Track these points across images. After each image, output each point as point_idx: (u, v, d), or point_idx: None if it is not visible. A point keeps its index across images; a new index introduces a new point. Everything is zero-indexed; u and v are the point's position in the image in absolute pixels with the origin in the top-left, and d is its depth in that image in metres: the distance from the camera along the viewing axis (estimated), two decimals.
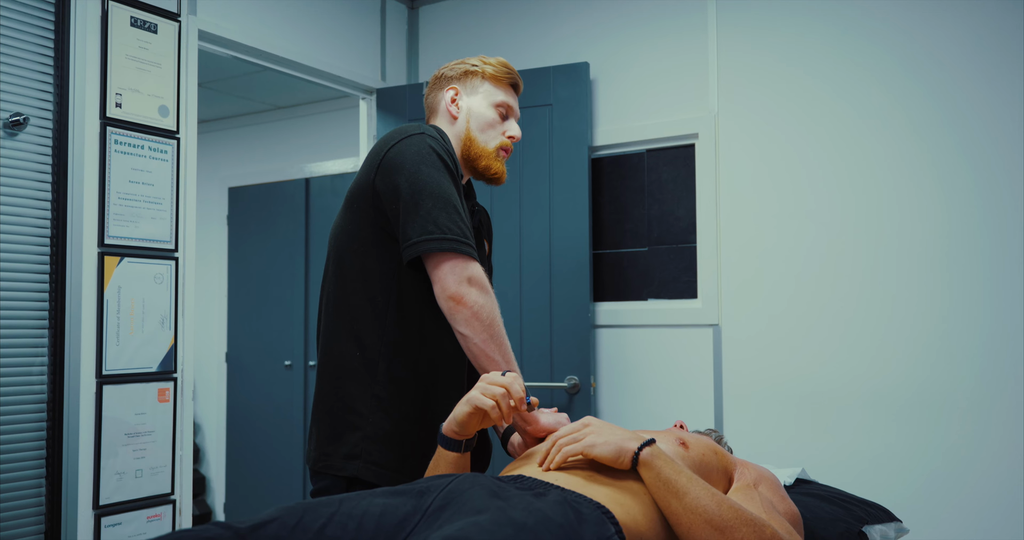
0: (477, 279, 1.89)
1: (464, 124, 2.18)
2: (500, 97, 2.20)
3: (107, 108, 2.84)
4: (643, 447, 1.45)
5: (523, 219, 3.75)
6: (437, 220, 1.87)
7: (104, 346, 2.81)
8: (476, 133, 2.17)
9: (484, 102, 2.19)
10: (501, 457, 3.57)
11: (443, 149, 1.99)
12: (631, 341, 3.67)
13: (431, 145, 1.97)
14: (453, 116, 2.20)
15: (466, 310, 1.86)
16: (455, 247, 1.87)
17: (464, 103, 2.19)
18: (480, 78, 2.20)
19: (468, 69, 2.21)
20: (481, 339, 1.87)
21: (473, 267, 1.89)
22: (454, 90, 2.20)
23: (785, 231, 3.32)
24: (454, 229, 1.88)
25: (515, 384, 1.60)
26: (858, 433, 3.14)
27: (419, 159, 1.94)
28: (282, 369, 5.69)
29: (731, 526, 1.37)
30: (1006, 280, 2.91)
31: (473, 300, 1.87)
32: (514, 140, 2.23)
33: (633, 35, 3.71)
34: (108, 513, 2.81)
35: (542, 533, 1.15)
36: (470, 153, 2.17)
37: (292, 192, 5.76)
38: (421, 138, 1.99)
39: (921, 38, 3.09)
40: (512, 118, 2.24)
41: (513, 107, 2.24)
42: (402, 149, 1.97)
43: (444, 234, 1.86)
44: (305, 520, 1.19)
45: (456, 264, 1.87)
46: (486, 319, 1.88)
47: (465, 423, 1.60)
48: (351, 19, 4.03)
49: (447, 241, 1.86)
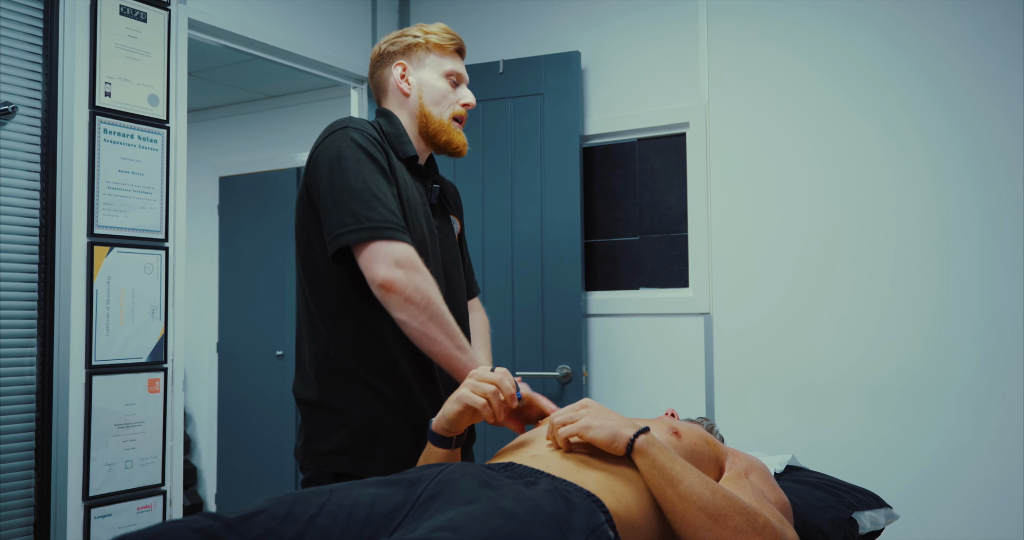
0: (404, 259, 1.83)
1: (417, 100, 2.14)
2: (448, 66, 2.17)
3: (96, 97, 2.83)
4: (638, 435, 1.45)
5: (514, 208, 3.75)
6: (354, 211, 1.85)
7: (94, 336, 2.80)
8: (431, 107, 2.13)
9: (434, 74, 2.15)
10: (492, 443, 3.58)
11: (368, 138, 1.97)
12: (623, 330, 3.67)
13: (352, 138, 1.95)
14: (404, 93, 2.15)
15: (397, 295, 1.82)
16: (373, 234, 1.83)
17: (414, 78, 2.15)
18: (425, 49, 2.16)
19: (411, 42, 2.16)
20: (419, 322, 1.83)
21: (396, 248, 1.84)
22: (401, 66, 2.16)
23: (777, 220, 3.32)
24: (372, 217, 1.84)
25: (505, 380, 1.59)
26: (851, 422, 3.14)
27: (337, 156, 1.92)
28: (274, 359, 5.68)
29: (725, 514, 1.37)
30: (1002, 270, 2.92)
31: (403, 284, 1.81)
32: (468, 107, 2.19)
33: (624, 23, 3.70)
34: (98, 504, 2.80)
35: (532, 522, 1.15)
36: (428, 129, 2.14)
37: (283, 181, 5.74)
38: (343, 133, 1.96)
39: (916, 23, 3.09)
40: (463, 84, 2.20)
41: (462, 74, 2.20)
42: (324, 148, 1.96)
43: (361, 224, 1.84)
44: (295, 510, 1.18)
45: (377, 250, 1.83)
46: (420, 300, 1.83)
47: (455, 421, 1.60)
48: (341, 8, 4.02)
49: (364, 230, 1.83)
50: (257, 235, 5.84)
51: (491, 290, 3.74)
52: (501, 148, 3.79)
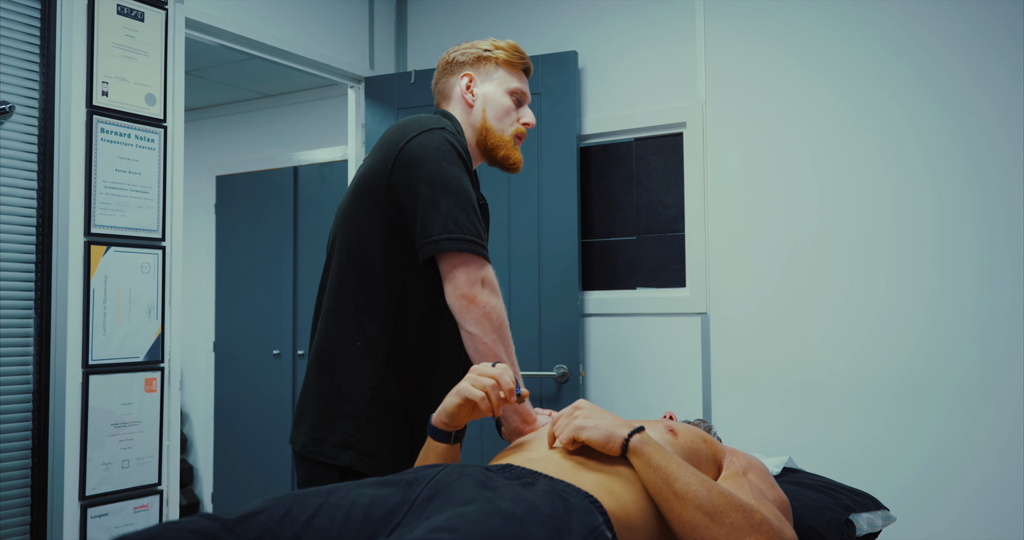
0: (490, 281, 1.91)
1: (480, 113, 2.15)
2: (514, 84, 2.18)
3: (93, 96, 2.83)
4: (633, 434, 1.46)
5: (512, 208, 3.75)
6: (457, 219, 1.87)
7: (90, 336, 2.80)
8: (493, 122, 2.14)
9: (499, 89, 2.16)
10: (492, 444, 3.58)
11: (461, 145, 1.98)
12: (620, 330, 3.67)
13: (450, 140, 1.96)
14: (469, 104, 2.16)
15: (477, 310, 1.87)
16: (473, 248, 1.87)
17: (479, 90, 2.16)
18: (494, 64, 2.17)
19: (481, 54, 2.17)
20: (491, 339, 1.89)
21: (487, 269, 1.91)
22: (468, 77, 2.17)
23: (774, 219, 3.32)
24: (472, 230, 1.88)
25: (505, 375, 1.59)
26: (847, 422, 3.15)
27: (440, 155, 1.92)
28: (270, 358, 5.68)
29: (721, 511, 1.37)
30: (998, 268, 2.92)
31: (485, 301, 1.88)
32: (528, 127, 2.21)
33: (621, 23, 3.70)
34: (94, 504, 2.80)
35: (530, 523, 1.15)
36: (487, 143, 2.15)
37: (280, 180, 5.74)
38: (442, 133, 1.96)
39: (912, 23, 3.09)
40: (525, 104, 2.21)
41: (526, 93, 2.22)
42: (423, 143, 1.94)
43: (464, 234, 1.86)
44: (293, 511, 1.18)
45: (472, 265, 1.88)
46: (496, 320, 1.90)
47: (455, 414, 1.60)
48: (339, 7, 4.01)
49: (466, 242, 1.87)
50: (254, 234, 5.84)
51: None
52: None
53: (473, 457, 3.56)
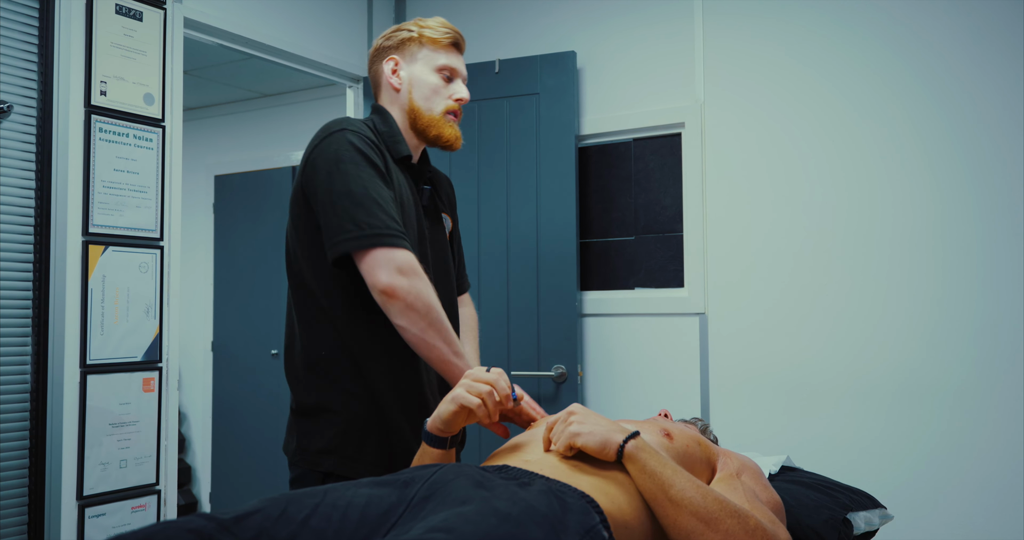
0: (405, 266, 1.85)
1: (407, 95, 2.13)
2: (442, 60, 2.14)
3: (92, 96, 2.83)
4: (628, 440, 1.45)
5: (510, 208, 3.75)
6: (355, 217, 1.85)
7: (88, 336, 2.80)
8: (420, 102, 2.12)
9: (425, 68, 2.13)
10: (487, 443, 3.58)
11: (365, 141, 1.96)
12: (618, 330, 3.67)
13: (350, 141, 1.94)
14: (395, 88, 2.14)
15: (398, 302, 1.84)
16: (374, 242, 1.84)
17: (405, 73, 2.14)
18: (418, 44, 2.14)
19: (405, 37, 2.15)
20: (419, 328, 1.85)
21: (398, 255, 1.85)
22: (393, 60, 2.15)
23: (772, 219, 3.32)
24: (373, 223, 1.85)
25: (501, 381, 1.59)
26: (846, 423, 3.15)
27: (336, 159, 1.91)
28: (268, 358, 5.68)
29: (716, 518, 1.37)
30: (998, 270, 2.92)
31: (404, 291, 1.83)
32: (461, 102, 2.17)
33: (620, 23, 3.70)
34: (92, 504, 2.80)
35: (526, 523, 1.15)
36: (417, 124, 2.13)
37: (279, 180, 5.73)
38: (340, 135, 1.95)
39: (912, 23, 3.09)
40: (458, 78, 2.18)
41: (457, 68, 2.17)
42: (321, 150, 1.95)
43: (362, 230, 1.84)
44: (289, 511, 1.18)
45: (379, 257, 1.84)
46: (421, 307, 1.85)
47: (450, 421, 1.60)
48: (338, 7, 4.01)
49: (366, 237, 1.84)
50: (252, 234, 5.84)
51: (486, 290, 3.74)
52: (497, 147, 3.79)
53: (471, 456, 3.56)
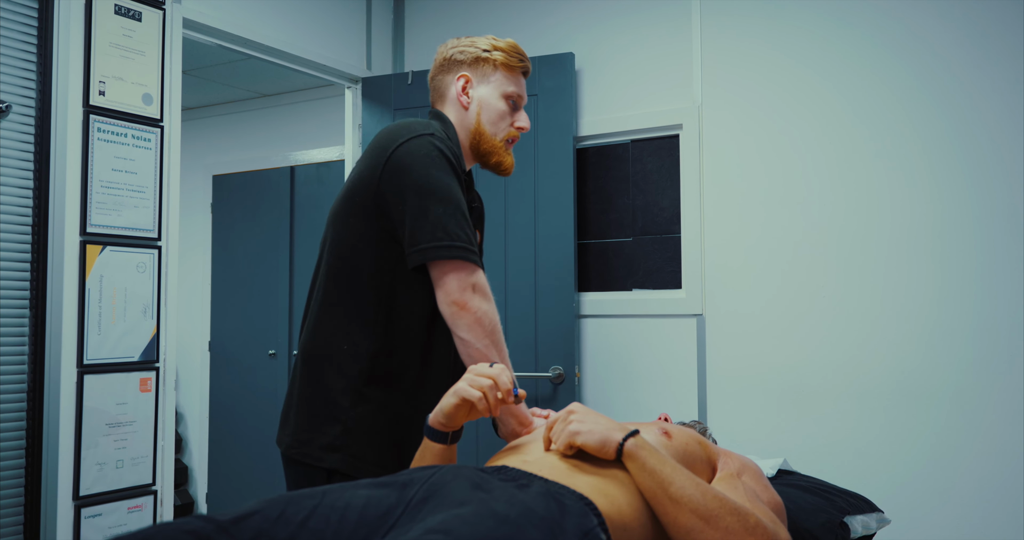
0: (481, 287, 1.91)
1: (475, 116, 2.12)
2: (511, 88, 2.14)
3: (90, 96, 2.82)
4: (627, 438, 1.45)
5: (508, 209, 3.75)
6: (447, 227, 1.87)
7: (85, 335, 2.80)
8: (487, 126, 2.12)
9: (495, 93, 2.13)
10: (485, 444, 3.58)
11: (450, 150, 1.97)
12: (616, 331, 3.67)
13: (439, 146, 1.94)
14: (464, 106, 2.13)
15: (469, 316, 1.88)
16: (462, 255, 1.87)
17: (475, 93, 2.13)
18: (492, 66, 2.13)
19: (479, 55, 2.13)
20: (483, 345, 1.89)
21: (478, 275, 1.90)
22: (465, 78, 2.13)
23: (770, 221, 3.32)
24: (462, 236, 1.88)
25: (503, 376, 1.59)
26: (844, 424, 3.15)
27: (428, 162, 1.91)
28: (266, 358, 5.68)
29: (716, 515, 1.37)
30: (996, 272, 2.92)
31: (476, 306, 1.88)
32: (523, 131, 2.18)
33: (618, 25, 3.71)
34: (88, 504, 2.79)
35: (524, 525, 1.15)
36: (480, 147, 2.13)
37: (277, 180, 5.73)
38: (430, 139, 1.95)
39: (910, 24, 3.09)
40: (520, 107, 2.19)
41: (523, 96, 2.18)
42: (411, 149, 1.93)
43: (453, 241, 1.86)
44: (287, 512, 1.18)
45: (462, 272, 1.88)
46: (488, 326, 1.90)
47: (452, 415, 1.60)
48: (337, 7, 4.01)
49: (456, 249, 1.86)
50: (250, 234, 5.83)
51: None
52: None
53: (469, 457, 3.56)
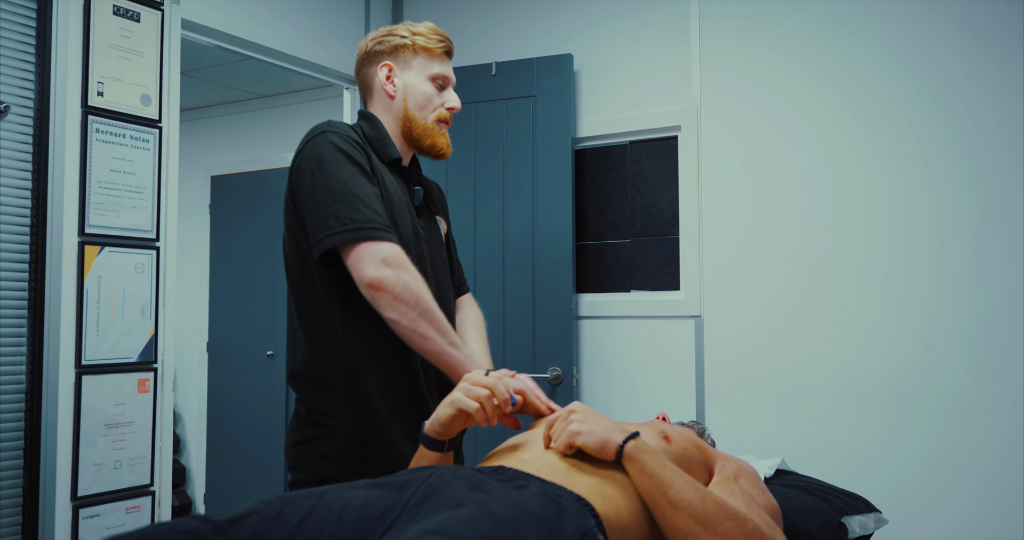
0: (391, 258, 1.84)
1: (401, 103, 2.13)
2: (435, 69, 2.14)
3: (89, 97, 2.82)
4: (628, 440, 1.45)
5: (506, 210, 3.75)
6: (337, 214, 1.85)
7: (84, 336, 2.79)
8: (415, 111, 2.12)
9: (419, 77, 2.13)
10: (483, 444, 3.58)
11: (347, 140, 1.96)
12: (614, 332, 3.67)
13: (331, 141, 1.94)
14: (390, 95, 2.14)
15: (386, 294, 1.82)
16: (357, 236, 1.84)
17: (399, 80, 2.13)
18: (412, 51, 2.13)
19: (398, 43, 2.13)
20: (410, 319, 1.83)
21: (383, 247, 1.84)
22: (387, 67, 2.14)
23: (768, 223, 3.33)
24: (356, 217, 1.85)
25: (499, 385, 1.58)
26: (841, 425, 3.15)
27: (317, 160, 1.92)
28: (264, 359, 5.67)
29: (714, 520, 1.37)
30: (995, 274, 2.92)
31: (391, 282, 1.82)
32: (453, 111, 2.18)
33: (617, 26, 3.71)
34: (86, 505, 2.79)
35: (522, 526, 1.15)
36: (412, 133, 2.13)
37: (275, 181, 5.73)
38: (322, 137, 1.96)
39: (909, 26, 3.09)
40: (450, 87, 2.18)
41: (449, 76, 2.18)
42: (305, 153, 1.96)
43: (344, 225, 1.84)
44: (284, 513, 1.18)
45: (364, 250, 1.83)
46: (410, 298, 1.83)
47: (448, 425, 1.59)
48: (335, 8, 4.01)
49: (349, 231, 1.84)
50: (248, 234, 5.83)
51: (482, 291, 3.74)
52: (493, 150, 3.79)
53: (467, 456, 3.56)
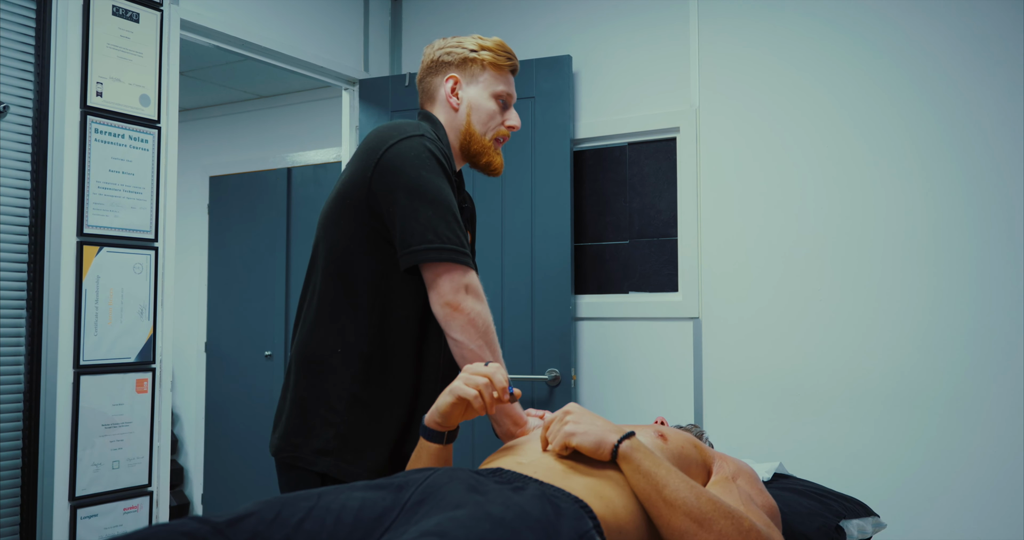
0: (474, 288, 1.91)
1: (464, 117, 2.12)
2: (500, 87, 2.14)
3: (88, 97, 2.82)
4: (623, 440, 1.46)
5: (505, 211, 3.75)
6: (437, 228, 1.86)
7: (82, 336, 2.79)
8: (477, 127, 2.12)
9: (484, 93, 2.13)
10: (481, 445, 3.58)
11: (441, 152, 1.96)
12: (612, 334, 3.67)
13: (429, 148, 1.94)
14: (453, 108, 2.13)
15: (462, 317, 1.88)
16: (454, 257, 1.87)
17: (464, 94, 2.13)
18: (480, 66, 2.12)
19: (467, 56, 2.12)
20: (477, 345, 1.89)
21: (470, 276, 1.90)
22: (453, 79, 2.13)
23: (767, 224, 3.33)
24: (453, 239, 1.88)
25: (498, 374, 1.59)
26: (839, 428, 3.15)
27: (419, 163, 1.91)
28: (262, 359, 5.67)
29: (710, 518, 1.37)
30: (991, 276, 2.92)
31: (469, 307, 1.89)
32: (513, 130, 2.18)
33: (616, 27, 3.71)
34: (84, 505, 2.79)
35: (519, 528, 1.15)
36: (470, 148, 2.13)
37: (274, 181, 5.73)
38: (420, 140, 1.95)
39: (907, 29, 3.10)
40: (510, 105, 2.18)
41: (513, 94, 2.18)
42: (401, 151, 1.93)
43: (444, 243, 1.86)
44: (283, 514, 1.18)
45: (454, 273, 1.88)
46: (481, 326, 1.90)
47: (448, 414, 1.60)
48: (334, 9, 4.01)
49: (447, 251, 1.86)
50: (247, 235, 5.83)
51: None
52: None
53: (465, 458, 3.56)
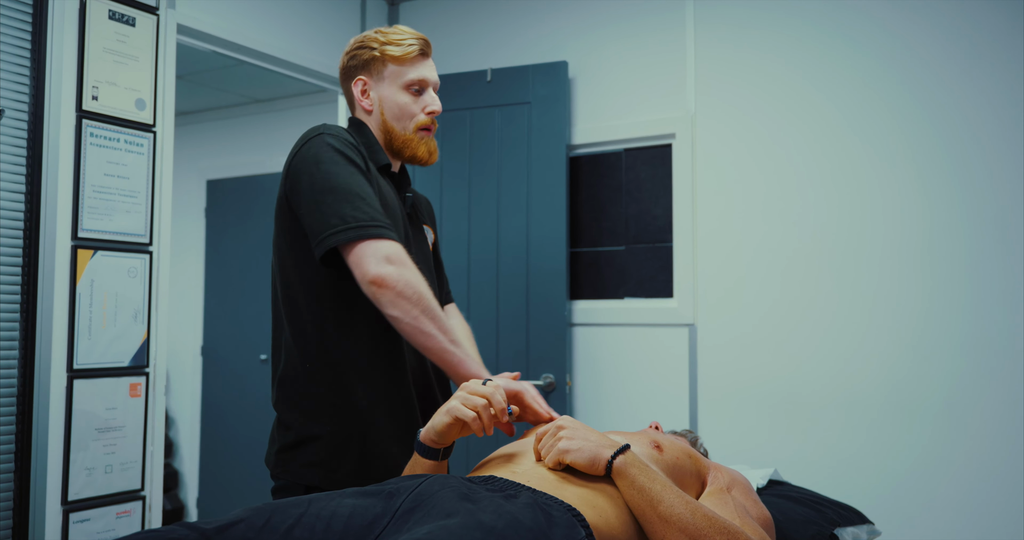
0: (394, 256, 1.83)
1: (379, 116, 2.12)
2: (408, 76, 2.10)
3: (83, 101, 2.82)
4: (617, 455, 1.45)
5: (501, 217, 3.75)
6: (341, 212, 1.84)
7: (76, 340, 2.79)
8: (392, 123, 2.11)
9: (393, 87, 2.11)
10: (475, 452, 3.57)
11: (344, 142, 1.96)
12: (607, 340, 3.67)
13: (329, 143, 1.94)
14: (367, 110, 2.13)
15: (389, 291, 1.81)
16: (363, 234, 1.83)
17: (375, 94, 2.12)
18: (382, 63, 2.10)
19: (368, 56, 2.11)
20: (412, 316, 1.83)
21: (385, 246, 1.83)
22: (362, 81, 2.13)
23: (762, 231, 3.33)
24: (358, 216, 1.84)
25: (496, 394, 1.58)
26: (833, 435, 3.15)
27: (316, 160, 1.91)
28: (258, 363, 5.67)
29: (705, 534, 1.37)
30: (986, 284, 2.93)
31: (394, 279, 1.81)
32: (434, 114, 2.14)
33: (612, 33, 3.71)
34: (77, 509, 2.78)
35: (511, 536, 1.15)
36: (393, 145, 2.12)
37: (270, 185, 5.72)
38: (319, 139, 1.95)
39: (903, 35, 3.11)
40: (428, 89, 2.14)
41: (426, 78, 2.13)
42: (302, 155, 1.95)
43: (347, 224, 1.83)
44: (273, 521, 1.18)
45: (367, 248, 1.82)
46: (412, 295, 1.83)
47: (444, 433, 1.59)
48: (331, 14, 4.01)
49: (351, 229, 1.83)
50: (243, 238, 5.83)
51: (476, 298, 3.73)
52: (488, 156, 3.80)
53: (459, 465, 3.56)
